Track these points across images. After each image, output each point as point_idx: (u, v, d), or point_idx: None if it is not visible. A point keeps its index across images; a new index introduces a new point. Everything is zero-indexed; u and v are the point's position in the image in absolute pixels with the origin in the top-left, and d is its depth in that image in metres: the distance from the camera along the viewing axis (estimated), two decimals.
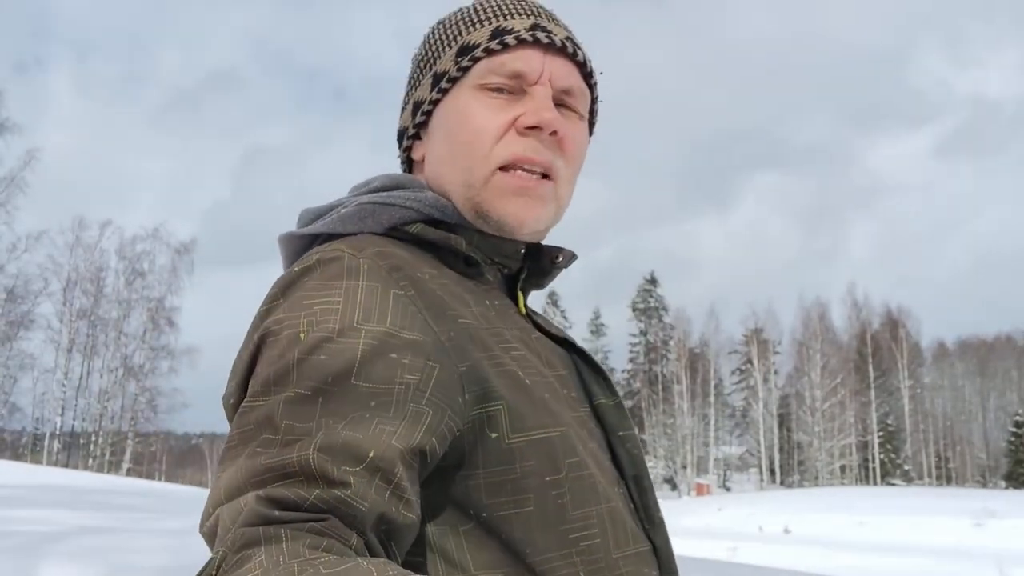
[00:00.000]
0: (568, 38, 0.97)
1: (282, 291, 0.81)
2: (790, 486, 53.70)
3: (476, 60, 0.93)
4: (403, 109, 1.03)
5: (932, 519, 22.73)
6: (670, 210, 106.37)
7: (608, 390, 0.97)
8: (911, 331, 60.81)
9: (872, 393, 56.18)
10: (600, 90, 1.03)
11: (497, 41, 0.93)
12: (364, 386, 0.72)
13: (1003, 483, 54.19)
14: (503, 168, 0.92)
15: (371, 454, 0.69)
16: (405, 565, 0.75)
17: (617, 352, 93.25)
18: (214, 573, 0.63)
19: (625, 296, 65.21)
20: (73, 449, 40.49)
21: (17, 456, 37.17)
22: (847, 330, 59.81)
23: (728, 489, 56.81)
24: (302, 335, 0.75)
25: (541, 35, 0.93)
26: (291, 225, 0.98)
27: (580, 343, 1.00)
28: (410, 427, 0.72)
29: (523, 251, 0.97)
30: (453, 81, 0.94)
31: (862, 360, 56.91)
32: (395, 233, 0.90)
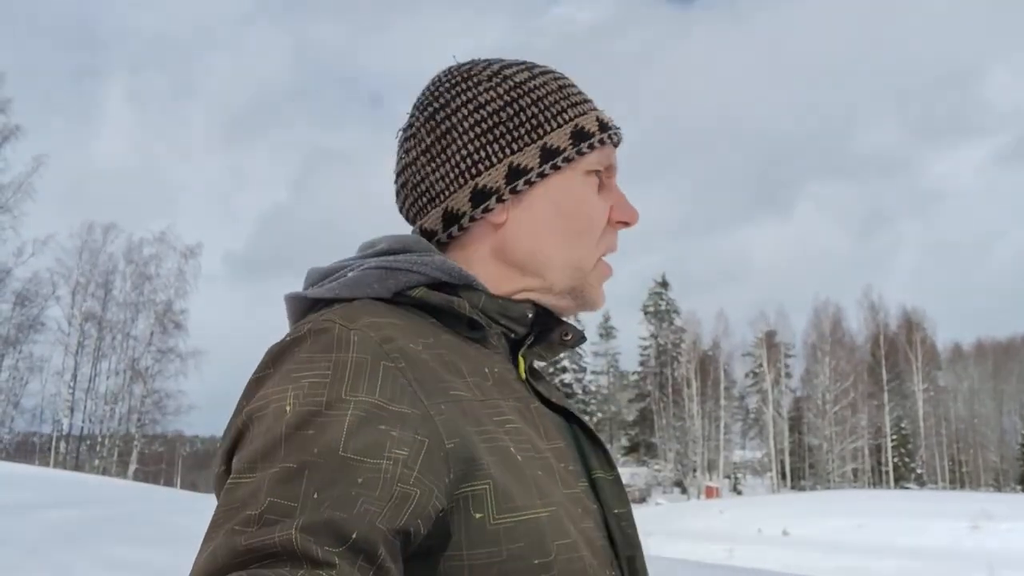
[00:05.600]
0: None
1: (273, 361, 0.81)
2: (801, 489, 53.24)
3: (592, 149, 0.97)
4: (476, 162, 0.94)
5: (930, 522, 22.48)
6: (699, 217, 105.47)
7: (606, 463, 0.95)
8: (927, 333, 60.21)
9: (885, 396, 55.62)
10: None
11: (607, 135, 0.98)
12: (352, 459, 0.71)
13: (1017, 487, 53.40)
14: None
15: (354, 535, 0.67)
16: None
17: (627, 354, 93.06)
18: None
19: (636, 299, 64.98)
20: (81, 451, 40.86)
21: (38, 458, 37.49)
22: (862, 332, 59.40)
23: (739, 492, 56.38)
24: (288, 408, 0.74)
25: (617, 134, 1.01)
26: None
27: (579, 413, 0.98)
28: (396, 508, 0.71)
29: (530, 316, 0.96)
30: (568, 161, 0.96)
31: (875, 363, 56.37)
32: (399, 298, 0.89)
